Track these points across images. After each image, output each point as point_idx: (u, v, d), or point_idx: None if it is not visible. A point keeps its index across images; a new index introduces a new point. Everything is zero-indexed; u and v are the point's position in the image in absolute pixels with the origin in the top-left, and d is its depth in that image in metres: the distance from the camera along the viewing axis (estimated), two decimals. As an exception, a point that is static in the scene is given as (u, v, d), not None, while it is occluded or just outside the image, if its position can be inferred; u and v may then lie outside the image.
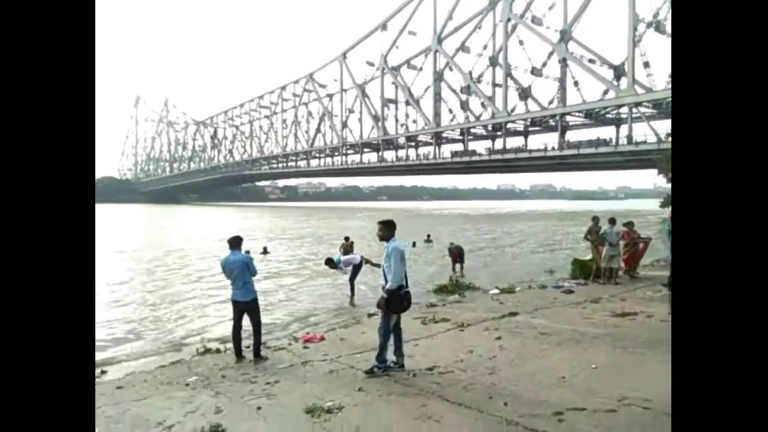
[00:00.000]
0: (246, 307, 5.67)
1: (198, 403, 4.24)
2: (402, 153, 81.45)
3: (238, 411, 4.03)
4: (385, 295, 4.67)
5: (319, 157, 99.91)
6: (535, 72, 64.55)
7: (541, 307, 7.85)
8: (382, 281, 4.80)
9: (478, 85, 68.73)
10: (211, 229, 34.45)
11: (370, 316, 7.89)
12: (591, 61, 60.03)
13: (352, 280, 10.32)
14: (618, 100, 54.24)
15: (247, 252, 6.03)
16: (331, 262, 10.44)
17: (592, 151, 56.76)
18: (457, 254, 13.73)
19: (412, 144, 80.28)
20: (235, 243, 5.78)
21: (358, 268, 10.24)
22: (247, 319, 5.71)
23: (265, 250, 18.92)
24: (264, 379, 4.82)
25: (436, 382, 4.46)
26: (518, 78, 65.43)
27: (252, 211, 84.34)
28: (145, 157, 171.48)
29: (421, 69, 76.89)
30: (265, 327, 7.19)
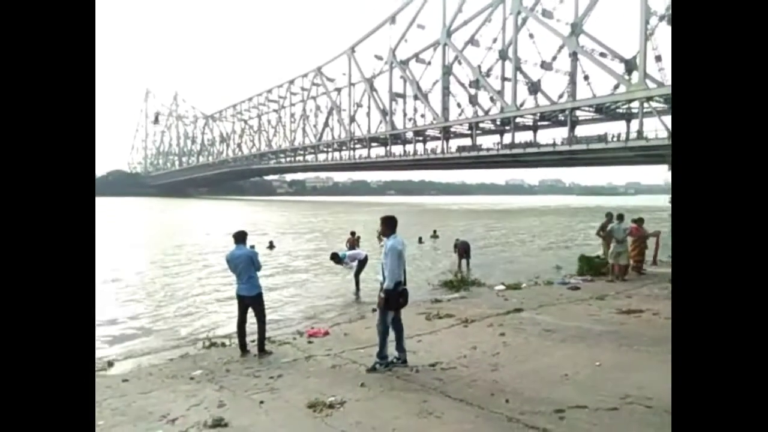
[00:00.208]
0: (251, 301, 5.71)
1: (202, 397, 4.29)
2: (410, 147, 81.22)
3: (241, 405, 4.07)
4: (383, 295, 4.70)
5: (327, 152, 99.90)
6: (545, 66, 63.86)
7: (546, 304, 7.82)
8: (380, 277, 4.82)
9: (487, 79, 68.18)
10: (221, 223, 34.64)
11: (374, 311, 7.89)
12: (602, 54, 59.22)
13: (357, 275, 10.35)
14: (629, 95, 53.52)
15: (252, 247, 6.06)
16: (336, 257, 10.48)
17: (602, 146, 56.18)
18: (463, 250, 13.70)
19: (420, 138, 79.96)
20: (240, 237, 5.81)
21: (363, 263, 10.26)
22: (252, 314, 5.77)
23: (272, 245, 18.99)
24: (267, 374, 4.86)
25: (439, 378, 4.47)
26: (528, 72, 64.80)
27: (260, 205, 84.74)
28: (155, 150, 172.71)
29: (430, 63, 76.43)
30: (270, 321, 7.25)
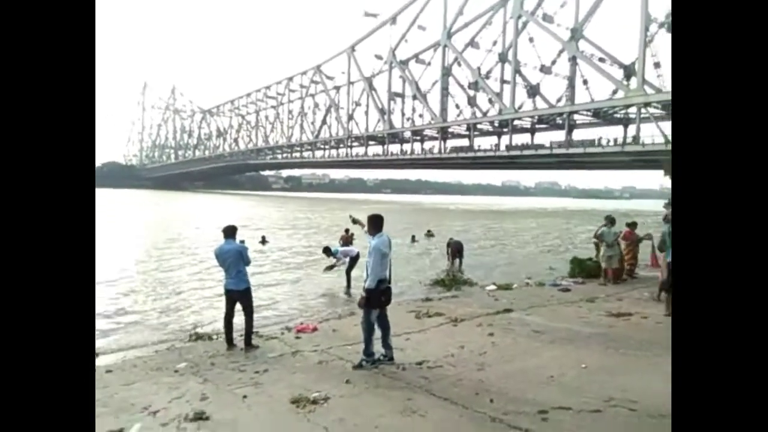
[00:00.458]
0: (238, 296, 5.67)
1: (185, 390, 4.25)
2: (407, 147, 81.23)
3: (224, 399, 4.03)
4: (364, 294, 4.69)
5: (324, 149, 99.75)
6: (544, 69, 63.97)
7: (536, 305, 7.82)
8: (365, 275, 4.79)
9: (486, 81, 68.26)
10: (215, 217, 34.49)
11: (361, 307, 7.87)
12: (601, 60, 59.39)
13: (349, 271, 10.32)
14: (627, 100, 53.72)
15: (242, 242, 6.02)
16: (329, 251, 10.48)
17: (599, 150, 56.40)
18: (456, 249, 13.69)
19: (418, 138, 79.97)
20: (230, 232, 5.77)
21: (355, 260, 10.23)
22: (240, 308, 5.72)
23: (264, 240, 18.94)
24: (253, 368, 4.82)
25: (425, 377, 4.45)
26: (527, 75, 64.88)
27: (255, 199, 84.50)
28: (151, 143, 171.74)
29: (430, 63, 76.40)
30: (259, 317, 7.21)
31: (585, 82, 59.33)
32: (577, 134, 63.10)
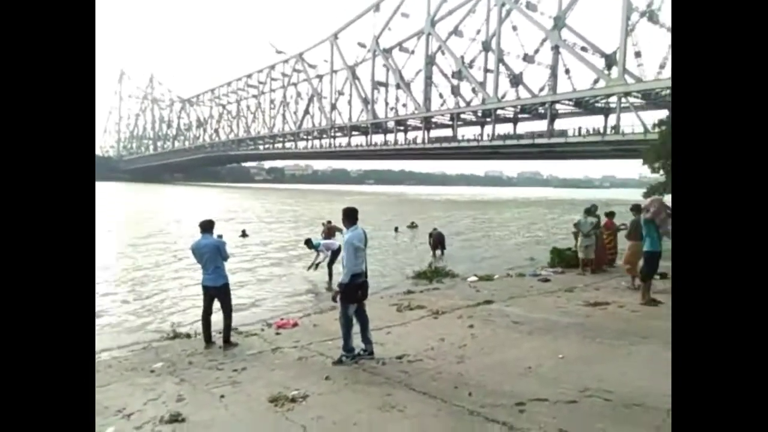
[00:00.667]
0: (216, 292, 5.58)
1: (161, 391, 4.18)
2: (390, 137, 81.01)
3: (201, 399, 3.98)
4: (337, 289, 4.66)
5: (307, 139, 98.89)
6: (528, 58, 64.28)
7: (516, 296, 7.90)
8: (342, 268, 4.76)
9: (470, 70, 68.28)
10: (197, 210, 34.00)
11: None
12: (583, 49, 59.85)
13: (331, 265, 10.28)
14: (608, 90, 54.36)
15: (220, 236, 5.91)
16: (310, 243, 10.42)
17: (580, 139, 57.08)
18: (437, 241, 13.75)
19: (401, 128, 79.81)
20: (207, 226, 5.66)
21: (336, 253, 10.19)
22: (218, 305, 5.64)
23: (244, 233, 18.75)
24: (231, 366, 4.77)
25: (404, 371, 4.46)
26: (510, 64, 65.17)
27: (237, 191, 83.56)
28: (129, 134, 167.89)
29: (413, 52, 76.06)
30: (239, 312, 7.13)
31: (567, 72, 59.87)
32: (559, 124, 63.79)
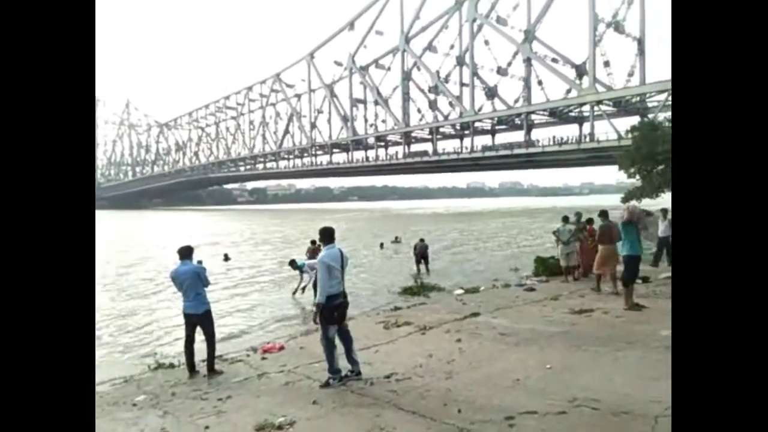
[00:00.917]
0: (198, 319, 5.47)
1: (143, 425, 4.04)
2: (372, 153, 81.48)
3: (185, 431, 3.86)
4: (314, 309, 4.63)
5: (288, 159, 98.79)
6: (501, 71, 65.76)
7: (502, 307, 7.92)
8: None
9: (446, 84, 69.46)
10: (180, 236, 33.42)
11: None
12: (554, 60, 61.58)
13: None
14: (580, 99, 55.86)
15: (200, 262, 5.82)
16: (295, 264, 10.34)
17: (557, 148, 58.27)
18: (420, 255, 13.75)
19: (382, 144, 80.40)
20: (186, 253, 5.56)
21: (321, 272, 10.10)
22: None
23: (227, 257, 18.54)
24: (216, 395, 4.65)
25: (393, 390, 4.40)
26: (485, 77, 66.59)
27: (219, 215, 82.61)
28: (106, 161, 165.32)
29: (389, 69, 77.18)
30: (223, 338, 7.00)
31: (540, 83, 61.38)
32: (536, 134, 65.16)
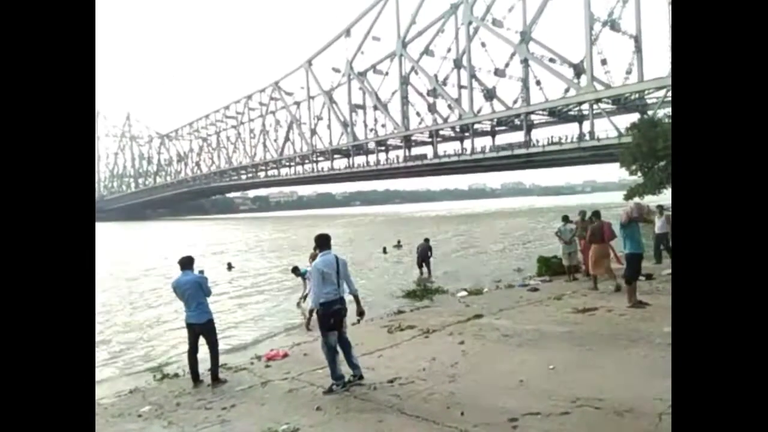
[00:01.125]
0: (201, 329, 5.49)
1: (147, 436, 4.06)
2: (372, 158, 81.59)
3: (189, 441, 3.87)
4: (308, 315, 4.65)
5: (290, 166, 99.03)
6: (499, 73, 65.86)
7: (506, 308, 7.91)
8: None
9: (444, 87, 69.59)
10: (185, 246, 33.48)
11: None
12: (551, 60, 61.63)
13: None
14: (579, 97, 55.83)
15: (201, 271, 5.84)
16: (297, 271, 10.37)
17: (558, 147, 58.20)
18: (422, 255, 13.70)
19: (383, 148, 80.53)
20: (186, 263, 5.59)
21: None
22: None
23: (230, 266, 18.58)
24: (220, 405, 4.66)
25: (396, 395, 4.40)
26: (483, 79, 66.64)
27: (222, 223, 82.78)
28: (109, 173, 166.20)
29: (387, 73, 77.36)
30: (227, 346, 7.01)
31: (538, 83, 61.40)
32: (536, 133, 65.20)
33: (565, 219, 10.39)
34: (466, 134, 68.63)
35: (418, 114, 74.02)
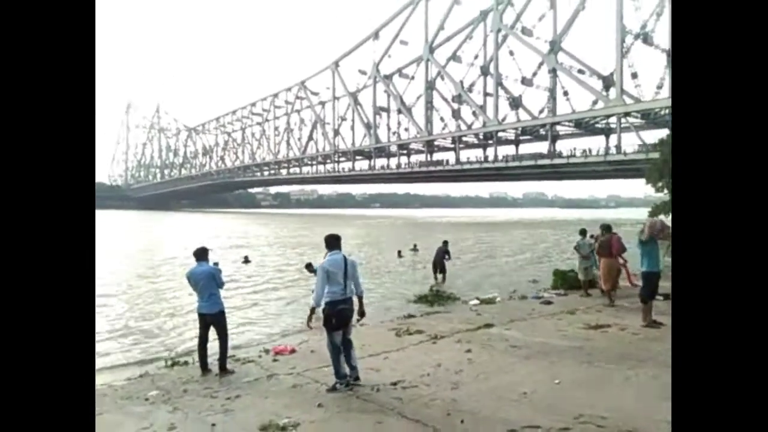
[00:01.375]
0: (212, 319, 5.60)
1: (153, 419, 4.16)
2: (394, 161, 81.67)
3: (193, 428, 3.95)
4: (310, 313, 4.74)
5: (311, 164, 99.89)
6: (526, 82, 65.17)
7: (517, 319, 7.82)
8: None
9: (470, 94, 69.24)
10: (206, 237, 34.11)
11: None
12: (580, 71, 60.72)
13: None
14: (607, 110, 54.83)
15: (216, 263, 5.96)
16: (311, 267, 10.47)
17: (582, 160, 57.26)
18: (438, 260, 13.62)
19: (404, 152, 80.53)
20: (201, 254, 5.72)
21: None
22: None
23: (246, 259, 18.87)
24: (225, 394, 4.74)
25: (398, 398, 4.41)
26: (509, 87, 66.07)
27: (245, 218, 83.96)
28: (136, 163, 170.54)
29: (413, 78, 77.42)
30: (238, 339, 7.11)
31: (566, 94, 60.56)
32: (561, 145, 64.17)
33: (583, 233, 10.22)
34: (490, 142, 68.09)
35: (442, 119, 73.84)
